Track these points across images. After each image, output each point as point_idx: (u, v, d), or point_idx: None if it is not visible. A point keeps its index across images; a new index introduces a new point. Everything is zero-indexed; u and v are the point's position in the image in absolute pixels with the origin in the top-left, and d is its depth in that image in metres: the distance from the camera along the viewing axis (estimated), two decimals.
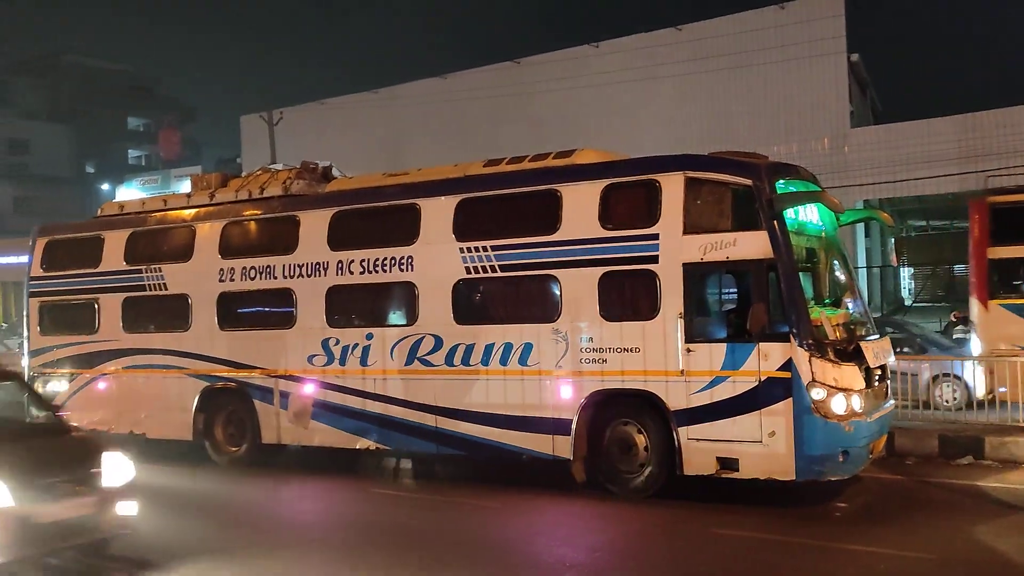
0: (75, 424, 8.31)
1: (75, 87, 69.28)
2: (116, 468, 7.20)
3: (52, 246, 13.63)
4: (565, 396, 9.36)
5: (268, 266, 11.39)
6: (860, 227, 27.03)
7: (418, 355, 10.19)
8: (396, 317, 10.75)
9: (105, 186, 50.85)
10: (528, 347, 9.55)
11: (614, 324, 9.13)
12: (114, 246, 12.77)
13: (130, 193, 41.34)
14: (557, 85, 30.36)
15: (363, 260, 10.66)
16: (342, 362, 10.73)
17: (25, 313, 13.95)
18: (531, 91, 30.99)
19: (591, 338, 9.23)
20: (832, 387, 8.17)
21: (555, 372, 9.41)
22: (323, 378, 10.87)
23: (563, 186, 9.60)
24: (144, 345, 12.39)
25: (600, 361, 9.17)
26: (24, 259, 14.23)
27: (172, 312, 12.18)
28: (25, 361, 13.88)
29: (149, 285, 12.36)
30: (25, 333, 14.10)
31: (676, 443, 8.73)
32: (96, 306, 12.82)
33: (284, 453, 11.82)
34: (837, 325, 8.89)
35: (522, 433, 9.60)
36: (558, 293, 9.48)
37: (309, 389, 10.98)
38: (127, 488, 7.19)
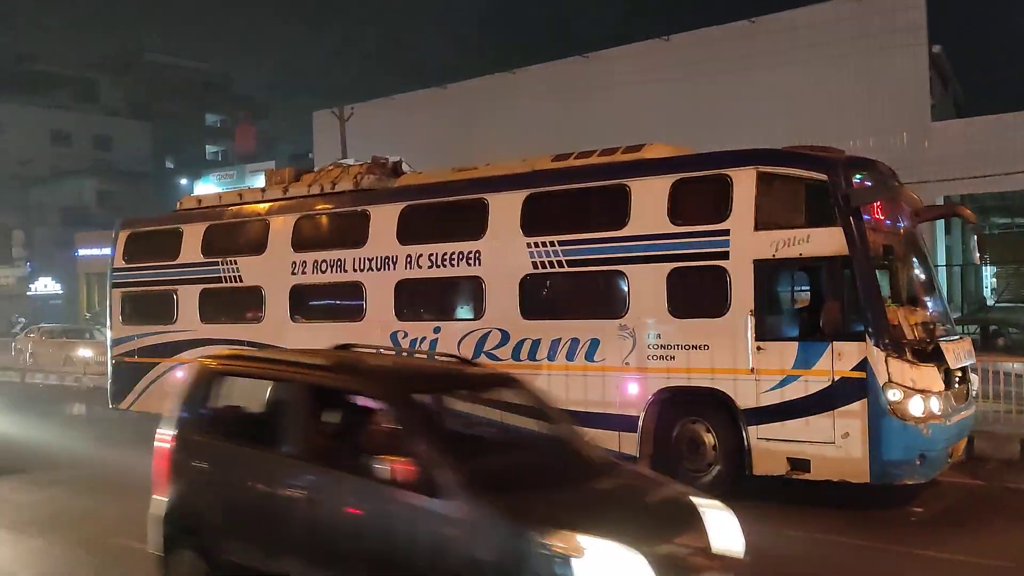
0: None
1: (154, 85, 71.60)
2: (723, 525, 4.99)
3: (133, 239, 14.11)
4: (631, 393, 9.30)
5: (339, 259, 11.59)
6: (940, 224, 26.13)
7: (485, 349, 10.24)
8: (463, 311, 10.82)
9: (183, 181, 52.47)
10: (594, 343, 9.52)
11: (682, 321, 9.03)
12: (192, 239, 13.14)
13: (207, 188, 42.49)
14: (626, 79, 30.13)
15: (431, 254, 10.76)
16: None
17: (108, 303, 14.48)
18: (600, 85, 30.82)
19: (659, 335, 9.15)
20: (909, 388, 7.94)
21: (622, 369, 9.35)
22: None
23: (632, 181, 9.52)
24: (219, 335, 12.72)
25: (667, 358, 9.08)
26: (107, 251, 14.76)
27: (246, 304, 12.49)
28: (107, 349, 14.42)
29: (225, 277, 12.70)
30: (108, 322, 14.64)
31: (745, 443, 8.60)
32: (174, 297, 13.23)
33: None
34: (915, 324, 8.63)
35: (587, 429, 9.55)
36: (626, 289, 9.42)
37: None
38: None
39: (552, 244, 9.84)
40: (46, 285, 49.04)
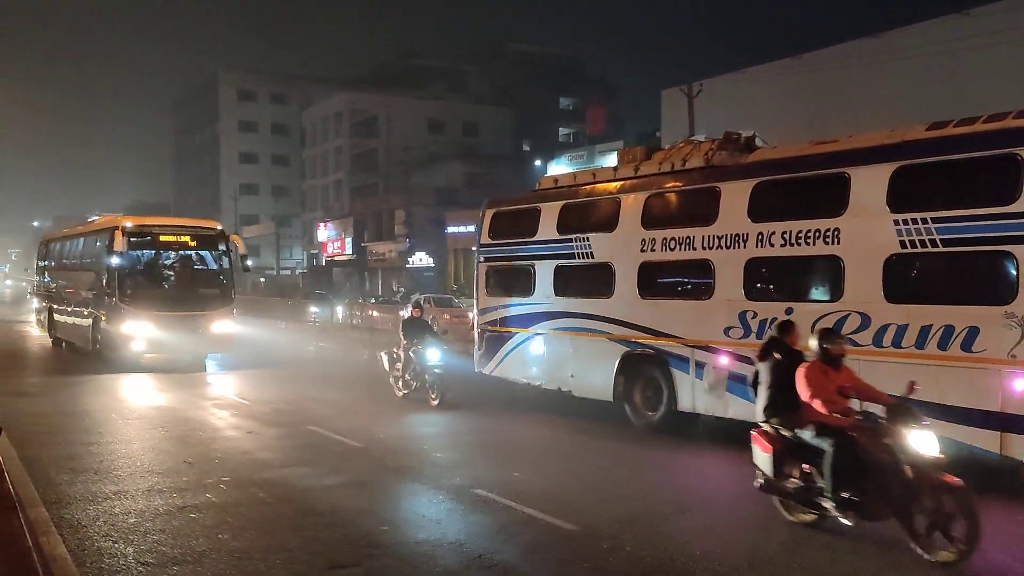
0: None
1: (515, 72, 76.57)
2: None
3: (498, 217, 15.24)
4: (1020, 389, 8.20)
5: (688, 237, 11.57)
6: None
7: (842, 333, 9.63)
8: (818, 292, 10.28)
9: (538, 162, 55.57)
10: (973, 331, 8.53)
11: None
12: (548, 217, 13.89)
13: (559, 169, 44.59)
14: (1016, 35, 26.37)
15: (785, 232, 10.33)
16: (759, 336, 10.53)
17: (475, 276, 15.85)
18: (984, 44, 27.32)
19: None
20: None
21: (1007, 361, 8.28)
22: (739, 351, 10.80)
23: None
24: (572, 309, 13.35)
25: None
26: (471, 228, 16.12)
27: (597, 279, 12.94)
28: (474, 318, 15.79)
29: (577, 253, 13.27)
30: (475, 294, 16.03)
31: None
32: (532, 271, 14.10)
33: (699, 422, 12.00)
34: None
35: (960, 426, 8.61)
36: (1014, 273, 8.30)
37: (724, 360, 10.99)
38: None
39: (924, 221, 8.95)
40: (421, 259, 54.81)
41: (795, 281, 10.65)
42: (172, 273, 19.70)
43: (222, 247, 20.06)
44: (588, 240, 13.10)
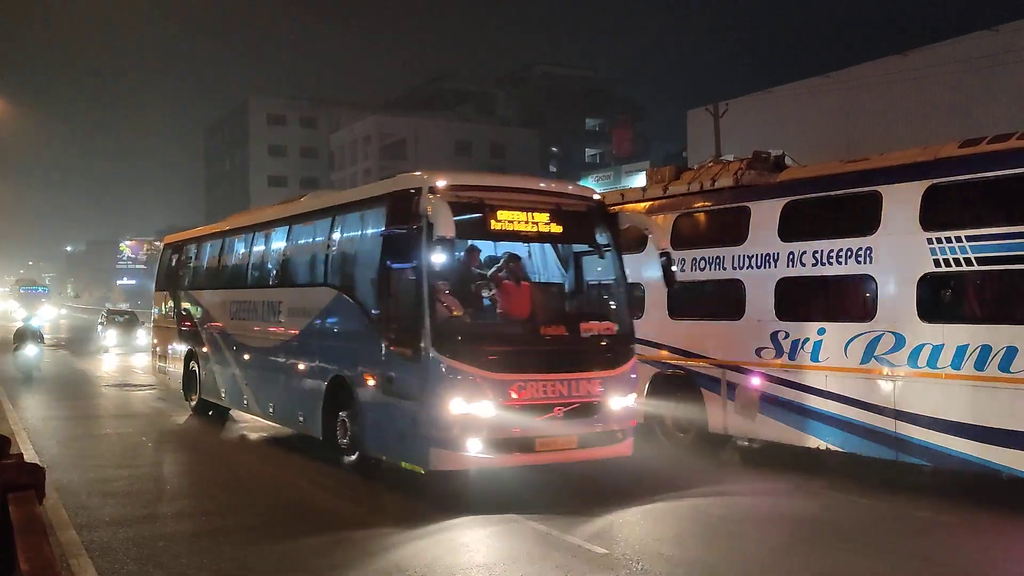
0: None
1: (542, 94, 77.00)
2: None
3: None
4: None
5: (717, 257, 11.50)
6: None
7: (875, 353, 9.52)
8: (851, 312, 10.15)
9: None
10: (1011, 351, 8.37)
11: None
12: None
13: None
14: None
15: (816, 251, 10.25)
16: (791, 356, 10.45)
17: None
18: (1015, 60, 27.08)
19: None
20: None
21: None
22: (770, 371, 10.69)
23: None
24: None
25: None
26: None
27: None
28: None
29: None
30: None
31: None
32: None
33: (729, 444, 11.86)
34: None
35: (1003, 449, 8.46)
36: None
37: (756, 382, 10.88)
38: None
39: (959, 240, 8.84)
40: None
41: (827, 301, 10.51)
42: (538, 292, 10.15)
43: (606, 235, 10.04)
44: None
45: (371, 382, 9.70)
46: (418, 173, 9.48)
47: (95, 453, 12.06)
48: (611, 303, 10.33)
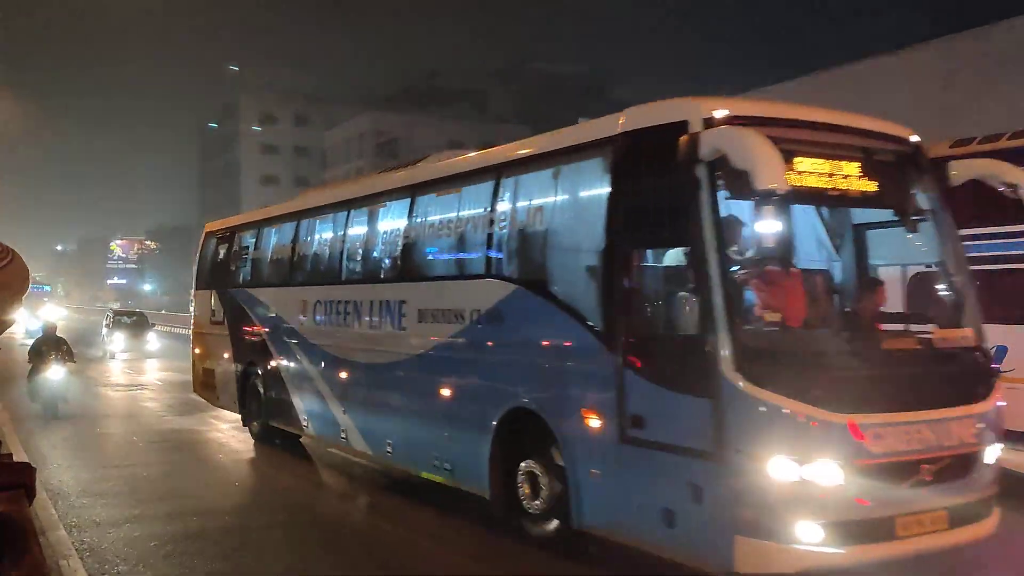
0: None
1: (536, 92, 77.15)
2: None
3: None
4: None
5: None
6: None
7: None
8: None
9: None
10: (999, 349, 8.36)
11: None
12: None
13: None
14: None
15: None
16: None
17: None
18: (1007, 61, 27.14)
19: None
20: None
21: None
22: None
23: None
24: None
25: None
26: None
27: None
28: None
29: None
30: None
31: None
32: None
33: None
34: None
35: None
36: None
37: None
38: None
39: None
40: None
41: None
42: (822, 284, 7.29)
43: (934, 195, 6.79)
44: None
45: (593, 422, 6.57)
46: (679, 100, 6.35)
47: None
48: (950, 298, 6.81)
